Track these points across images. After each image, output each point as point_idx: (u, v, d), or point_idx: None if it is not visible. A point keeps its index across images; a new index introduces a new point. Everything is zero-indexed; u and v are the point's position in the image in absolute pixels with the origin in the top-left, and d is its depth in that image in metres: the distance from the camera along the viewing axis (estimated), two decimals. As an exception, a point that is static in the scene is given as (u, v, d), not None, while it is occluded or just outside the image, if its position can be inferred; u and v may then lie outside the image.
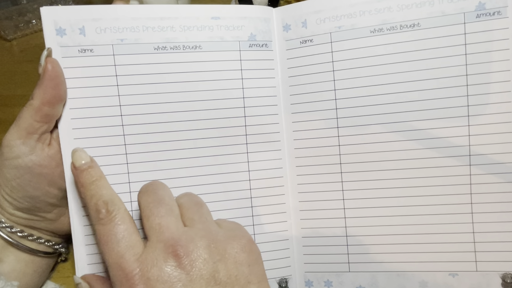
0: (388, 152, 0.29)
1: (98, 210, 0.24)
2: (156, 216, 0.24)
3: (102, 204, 0.24)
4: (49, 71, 0.26)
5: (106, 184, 0.25)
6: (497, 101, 0.28)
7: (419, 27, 0.28)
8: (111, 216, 0.24)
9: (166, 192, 0.26)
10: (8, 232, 0.28)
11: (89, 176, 0.25)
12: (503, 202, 0.28)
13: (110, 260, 0.23)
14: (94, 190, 0.25)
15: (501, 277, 0.29)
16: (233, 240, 0.24)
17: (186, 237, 0.23)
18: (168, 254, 0.22)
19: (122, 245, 0.23)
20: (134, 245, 0.23)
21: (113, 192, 0.25)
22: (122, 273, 0.22)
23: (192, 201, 0.26)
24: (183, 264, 0.22)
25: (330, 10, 0.29)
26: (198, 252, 0.22)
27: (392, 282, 0.30)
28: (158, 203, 0.24)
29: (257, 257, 0.24)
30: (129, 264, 0.22)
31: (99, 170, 0.26)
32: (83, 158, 0.26)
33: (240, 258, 0.23)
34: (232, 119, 0.30)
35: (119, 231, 0.23)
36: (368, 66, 0.29)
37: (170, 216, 0.24)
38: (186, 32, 0.29)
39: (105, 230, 0.23)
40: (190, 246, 0.22)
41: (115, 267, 0.22)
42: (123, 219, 0.24)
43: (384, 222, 0.30)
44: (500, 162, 0.28)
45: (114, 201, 0.24)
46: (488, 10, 0.27)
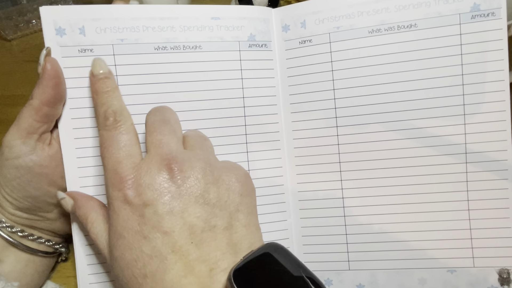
0: (386, 150, 0.30)
1: (106, 117, 0.25)
2: (158, 133, 0.24)
3: (111, 113, 0.25)
4: (48, 71, 0.26)
5: (118, 96, 0.26)
6: (492, 100, 0.28)
7: (416, 28, 0.29)
8: (117, 124, 0.24)
9: (173, 116, 0.26)
10: (9, 232, 0.28)
11: (104, 85, 0.26)
12: (499, 198, 0.29)
13: (109, 164, 0.23)
14: (106, 99, 0.26)
15: (498, 273, 0.29)
16: (229, 170, 0.24)
17: (183, 156, 0.23)
18: (163, 166, 0.22)
19: (122, 152, 0.23)
20: (133, 155, 0.24)
21: (124, 105, 0.26)
22: (117, 176, 0.23)
23: (197, 134, 0.27)
24: (175, 178, 0.22)
25: (329, 10, 0.29)
26: (192, 171, 0.22)
27: (392, 279, 0.30)
28: (163, 122, 0.25)
29: (250, 191, 0.25)
30: (125, 169, 0.23)
31: (114, 82, 0.27)
32: (102, 67, 0.27)
33: (233, 186, 0.23)
34: (232, 119, 0.30)
35: (122, 139, 0.24)
36: (366, 66, 0.29)
37: (172, 136, 0.24)
38: (186, 32, 0.29)
39: (109, 136, 0.24)
40: (186, 164, 0.23)
41: (111, 171, 0.23)
42: (128, 130, 0.24)
43: (383, 220, 0.30)
44: (495, 160, 0.29)
45: (123, 113, 0.25)
46: (483, 11, 0.28)
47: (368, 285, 0.31)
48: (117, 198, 0.22)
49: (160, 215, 0.21)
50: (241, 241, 0.22)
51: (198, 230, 0.22)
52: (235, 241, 0.22)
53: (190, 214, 0.22)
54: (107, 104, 0.25)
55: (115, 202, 0.22)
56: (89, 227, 0.25)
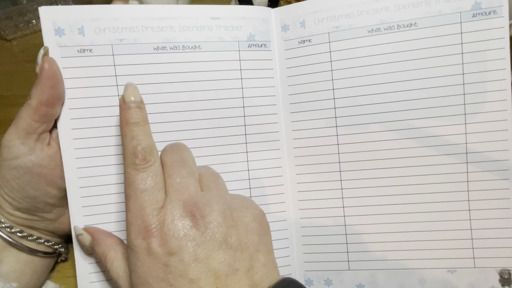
0: (386, 150, 0.30)
1: (136, 155, 0.23)
2: (178, 175, 0.24)
3: (141, 150, 0.24)
4: (46, 70, 0.26)
5: (149, 131, 0.25)
6: (493, 100, 0.28)
7: (416, 27, 0.28)
8: (147, 165, 0.23)
9: (190, 155, 0.26)
10: (8, 232, 0.28)
11: (135, 116, 0.24)
12: (500, 199, 0.29)
13: (133, 207, 0.23)
14: (136, 132, 0.24)
15: (499, 273, 0.29)
16: (246, 209, 0.24)
17: (204, 200, 0.23)
18: (186, 213, 0.22)
19: (147, 197, 0.23)
20: (158, 200, 0.23)
21: (154, 143, 0.25)
22: (142, 223, 0.22)
23: (209, 172, 0.27)
24: (198, 224, 0.22)
25: (328, 10, 0.29)
26: (213, 216, 0.23)
27: (392, 279, 0.30)
28: (181, 163, 0.25)
29: (266, 229, 0.25)
30: (150, 217, 0.22)
31: (146, 114, 0.25)
32: (135, 95, 0.25)
33: (252, 227, 0.24)
34: (231, 119, 0.30)
35: (149, 182, 0.23)
36: (366, 66, 0.29)
37: (191, 178, 0.24)
38: (185, 32, 0.29)
39: (137, 176, 0.23)
40: (207, 209, 0.23)
41: (135, 216, 0.23)
42: (157, 172, 0.24)
43: (383, 220, 0.30)
44: (496, 160, 0.29)
45: (153, 152, 0.24)
46: (484, 9, 0.28)
47: (368, 285, 0.30)
48: (141, 246, 0.22)
49: (186, 263, 0.22)
50: (261, 281, 0.23)
51: (223, 275, 0.22)
52: (256, 281, 0.23)
53: (214, 260, 0.22)
54: (137, 139, 0.24)
55: (139, 249, 0.22)
56: (109, 266, 0.25)
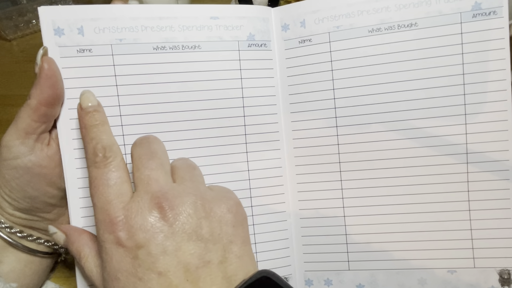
0: (386, 150, 0.30)
1: (95, 153, 0.24)
2: (146, 168, 0.24)
3: (100, 148, 0.24)
4: (46, 70, 0.26)
5: (108, 130, 0.25)
6: (494, 100, 0.28)
7: (416, 27, 0.28)
8: (107, 161, 0.24)
9: (160, 147, 0.26)
10: (8, 232, 0.28)
11: (93, 119, 0.25)
12: (500, 199, 0.29)
13: (98, 203, 0.23)
14: (95, 133, 0.25)
15: (499, 273, 0.29)
16: (220, 200, 0.24)
17: (173, 192, 0.23)
18: (154, 205, 0.22)
19: (112, 191, 0.23)
20: (123, 193, 0.23)
21: (114, 140, 0.25)
22: (107, 217, 0.22)
23: (185, 163, 0.26)
24: (167, 216, 0.22)
25: (329, 9, 0.29)
26: (183, 207, 0.22)
27: (392, 279, 0.30)
28: (150, 156, 0.24)
29: (242, 220, 0.24)
30: (115, 210, 0.22)
31: (104, 115, 0.26)
32: (90, 100, 0.26)
33: (225, 218, 0.23)
34: (231, 119, 0.30)
35: (111, 177, 0.23)
36: (366, 66, 0.29)
37: (160, 170, 0.24)
38: (185, 32, 0.29)
39: (98, 173, 0.23)
40: (176, 200, 0.22)
41: (101, 211, 0.23)
42: (118, 167, 0.24)
43: (383, 220, 0.30)
44: (496, 160, 0.29)
45: (112, 148, 0.24)
46: (484, 10, 0.28)
47: (368, 285, 0.30)
48: (108, 241, 0.22)
49: (154, 256, 0.21)
50: (236, 273, 0.22)
51: (193, 267, 0.21)
52: (230, 273, 0.22)
53: (184, 252, 0.22)
54: (96, 139, 0.24)
55: (107, 244, 0.22)
56: (83, 263, 0.25)
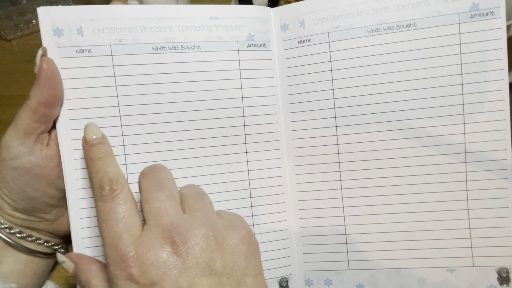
0: (385, 150, 0.30)
1: (102, 187, 0.23)
2: (156, 200, 0.23)
3: (106, 181, 0.23)
4: (45, 71, 0.26)
5: (114, 162, 0.25)
6: (492, 100, 0.28)
7: (415, 27, 0.29)
8: (114, 194, 0.23)
9: (168, 176, 0.25)
10: (7, 233, 0.27)
11: (98, 152, 0.25)
12: (498, 198, 0.29)
13: (108, 239, 0.22)
14: (100, 166, 0.24)
15: (497, 272, 0.29)
16: (232, 230, 0.23)
17: (185, 224, 0.22)
18: (166, 240, 0.22)
19: (121, 225, 0.22)
20: (133, 227, 0.22)
21: (120, 171, 0.24)
22: (118, 253, 0.22)
23: (194, 191, 0.26)
24: (179, 251, 0.21)
25: (328, 10, 0.29)
26: (195, 240, 0.22)
27: (391, 279, 0.30)
28: (159, 186, 0.24)
29: (254, 250, 0.24)
30: (126, 245, 0.22)
31: (109, 147, 0.25)
32: (94, 133, 0.25)
33: (238, 249, 0.23)
34: (230, 119, 0.30)
35: (120, 211, 0.23)
36: (365, 66, 0.29)
37: (170, 201, 0.23)
38: (184, 32, 0.29)
39: (106, 208, 0.23)
40: (188, 233, 0.22)
41: (111, 247, 0.22)
42: (126, 199, 0.23)
43: (382, 220, 0.30)
44: (495, 159, 0.29)
45: (119, 180, 0.24)
46: (482, 10, 0.28)
47: (368, 285, 0.31)
48: (121, 277, 0.21)
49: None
50: None
51: None
52: None
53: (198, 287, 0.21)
54: (102, 172, 0.24)
55: (120, 281, 0.21)
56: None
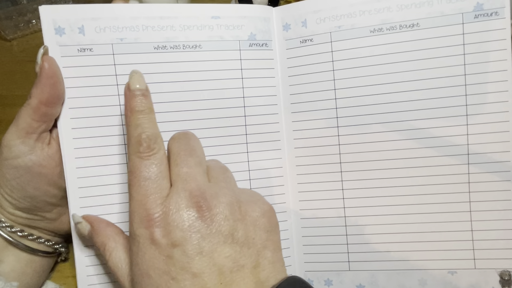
0: (387, 151, 0.30)
1: (140, 143, 0.23)
2: (185, 164, 0.23)
3: (145, 138, 0.23)
4: (46, 70, 0.26)
5: (154, 120, 0.24)
6: (495, 101, 0.28)
7: (418, 27, 0.28)
8: (151, 153, 0.23)
9: (198, 144, 0.25)
10: (8, 231, 0.28)
11: (141, 104, 0.24)
12: (501, 200, 0.29)
13: (137, 196, 0.22)
14: (141, 120, 0.24)
15: (499, 275, 0.29)
16: (255, 204, 0.24)
17: (211, 191, 0.22)
18: (192, 204, 0.22)
19: (151, 185, 0.22)
20: (162, 189, 0.22)
21: (158, 131, 0.24)
22: (144, 212, 0.22)
23: (218, 165, 0.26)
24: (204, 216, 0.21)
25: (330, 9, 0.29)
26: (220, 208, 0.22)
27: (392, 280, 0.30)
28: (190, 152, 0.24)
29: (275, 226, 0.24)
30: (154, 205, 0.22)
31: (151, 102, 0.25)
32: (140, 82, 0.24)
33: (260, 222, 0.23)
34: (232, 119, 0.30)
35: (153, 170, 0.23)
36: (367, 66, 0.29)
37: (198, 168, 0.23)
38: (186, 32, 0.29)
39: (141, 164, 0.23)
40: (214, 201, 0.22)
41: (138, 204, 0.22)
42: (161, 161, 0.23)
43: (383, 220, 0.30)
44: (498, 161, 0.28)
45: (157, 140, 0.23)
46: (486, 10, 0.28)
47: (368, 286, 0.30)
48: (143, 236, 0.22)
49: (189, 256, 0.21)
50: (268, 279, 0.22)
51: (227, 270, 0.21)
52: (262, 279, 0.22)
53: (220, 254, 0.21)
54: (141, 127, 0.23)
55: (141, 239, 0.22)
56: (108, 257, 0.25)
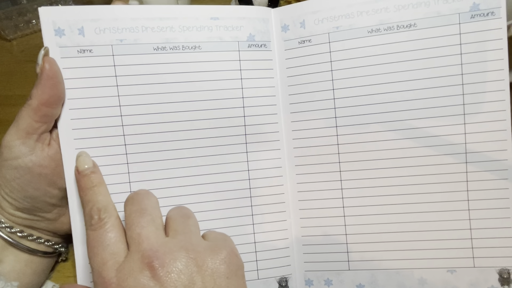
0: (386, 150, 0.30)
1: (91, 216, 0.24)
2: (137, 226, 0.23)
3: (95, 210, 0.24)
4: (47, 70, 0.26)
5: (104, 191, 0.26)
6: (492, 100, 0.28)
7: (415, 27, 0.29)
8: (102, 222, 0.24)
9: (151, 202, 0.25)
10: (8, 232, 0.28)
11: (89, 182, 0.26)
12: (499, 198, 0.29)
13: (94, 265, 0.23)
14: (91, 196, 0.25)
15: (498, 273, 0.29)
16: (212, 251, 0.23)
17: (164, 248, 0.22)
18: (144, 265, 0.22)
19: (106, 252, 0.23)
20: (117, 253, 0.23)
21: (109, 200, 0.25)
22: (101, 280, 0.22)
23: (180, 213, 0.26)
24: (158, 275, 0.21)
25: (328, 10, 0.29)
26: (174, 264, 0.22)
27: (392, 279, 0.30)
28: (140, 213, 0.24)
29: (237, 270, 0.24)
30: (109, 272, 0.22)
31: (100, 176, 0.27)
32: (86, 162, 0.27)
33: (219, 270, 0.23)
34: (231, 119, 0.30)
35: (106, 238, 0.23)
36: (366, 66, 0.29)
37: (150, 227, 0.24)
38: (185, 33, 0.29)
39: (94, 236, 0.24)
40: (167, 257, 0.22)
41: (96, 274, 0.23)
42: (113, 227, 0.24)
43: (383, 220, 0.30)
44: (495, 160, 0.29)
45: (107, 209, 0.25)
46: (482, 10, 0.28)
47: (368, 285, 0.30)
48: None
49: None
50: None
51: None
52: None
53: None
54: (92, 202, 0.25)
55: None
56: None
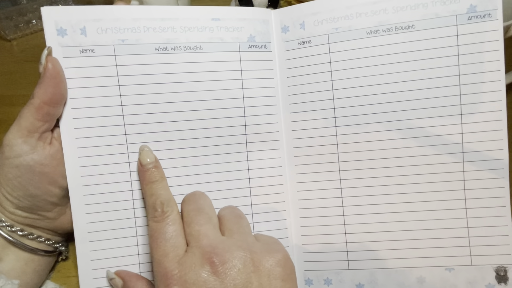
0: (384, 150, 0.30)
1: (155, 208, 0.26)
2: (196, 223, 0.25)
3: (159, 204, 0.26)
4: (50, 70, 0.26)
5: (166, 186, 0.28)
6: (489, 100, 0.29)
7: (413, 29, 0.29)
8: (164, 215, 0.25)
9: (206, 202, 0.28)
10: (8, 231, 0.27)
11: (152, 176, 0.27)
12: (496, 197, 0.29)
13: (156, 255, 0.24)
14: (154, 189, 0.27)
15: (495, 270, 0.29)
16: (269, 253, 0.25)
17: (223, 246, 0.24)
18: (205, 261, 0.23)
19: (168, 244, 0.24)
20: (178, 246, 0.24)
21: (171, 195, 0.27)
22: (163, 270, 0.24)
23: (232, 213, 0.28)
24: (218, 271, 0.23)
25: (328, 12, 0.30)
26: (233, 262, 0.23)
27: (391, 278, 0.30)
28: (198, 211, 0.26)
29: (291, 273, 0.25)
30: (170, 264, 0.24)
31: (161, 171, 0.28)
32: (148, 157, 0.28)
33: (274, 272, 0.24)
34: (231, 119, 0.30)
35: (168, 231, 0.25)
36: (364, 67, 0.30)
37: (208, 225, 0.25)
38: (186, 33, 0.29)
39: (157, 227, 0.25)
40: (226, 255, 0.23)
41: (158, 264, 0.24)
42: (174, 221, 0.25)
43: (382, 219, 0.30)
44: (492, 159, 0.29)
45: (170, 203, 0.26)
46: (479, 12, 0.28)
47: (368, 285, 0.31)
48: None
49: None
50: None
51: None
52: None
53: None
54: (155, 195, 0.27)
55: None
56: None
